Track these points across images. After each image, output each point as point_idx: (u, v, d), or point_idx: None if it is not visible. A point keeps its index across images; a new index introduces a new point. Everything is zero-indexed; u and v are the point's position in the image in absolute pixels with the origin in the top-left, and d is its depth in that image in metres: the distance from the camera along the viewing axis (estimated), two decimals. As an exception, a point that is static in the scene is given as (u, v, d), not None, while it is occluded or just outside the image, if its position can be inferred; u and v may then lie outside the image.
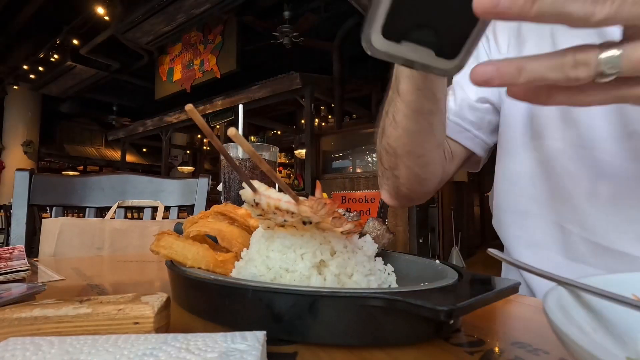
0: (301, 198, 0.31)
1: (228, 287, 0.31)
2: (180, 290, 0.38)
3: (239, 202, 0.68)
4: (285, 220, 0.32)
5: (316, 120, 7.94)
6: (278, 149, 0.75)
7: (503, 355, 0.26)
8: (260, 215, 0.33)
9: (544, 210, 0.59)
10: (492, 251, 0.32)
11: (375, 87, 7.90)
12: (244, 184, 0.32)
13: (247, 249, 0.38)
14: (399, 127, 0.55)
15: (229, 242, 0.42)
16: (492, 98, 0.67)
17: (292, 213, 0.31)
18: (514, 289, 0.30)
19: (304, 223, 0.32)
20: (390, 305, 0.26)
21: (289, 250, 0.34)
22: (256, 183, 0.32)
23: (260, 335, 0.22)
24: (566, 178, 0.56)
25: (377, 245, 0.40)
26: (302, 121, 6.08)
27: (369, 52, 0.25)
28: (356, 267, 0.35)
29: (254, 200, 0.32)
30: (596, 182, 0.53)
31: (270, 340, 0.25)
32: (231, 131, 0.25)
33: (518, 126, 0.63)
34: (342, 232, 0.33)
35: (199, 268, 0.38)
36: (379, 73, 8.05)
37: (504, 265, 0.68)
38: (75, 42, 7.02)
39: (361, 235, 0.41)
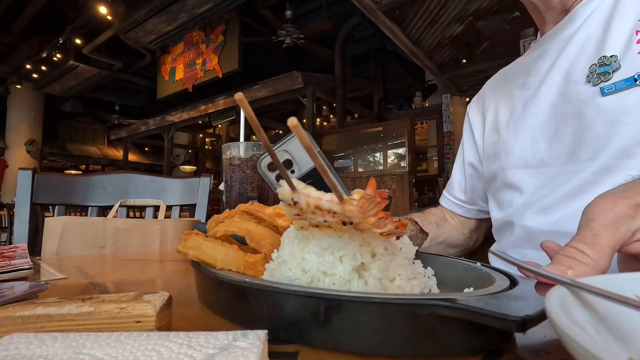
0: (346, 197, 0.28)
1: (282, 293, 0.28)
2: (212, 294, 0.35)
3: (240, 201, 0.68)
4: (325, 221, 0.29)
5: (318, 119, 7.95)
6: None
7: (505, 355, 0.26)
8: (298, 215, 0.31)
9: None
10: (493, 250, 0.32)
11: (377, 86, 7.90)
12: (281, 182, 0.29)
13: (278, 250, 0.36)
14: None
15: (257, 243, 0.39)
16: (475, 163, 0.82)
17: (334, 213, 0.28)
18: None
19: (344, 223, 0.29)
20: (453, 314, 0.23)
21: (327, 252, 0.32)
22: (294, 181, 0.29)
23: (262, 333, 0.22)
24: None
25: (415, 247, 0.37)
26: (304, 120, 6.08)
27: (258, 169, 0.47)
28: (398, 270, 0.32)
29: (293, 199, 0.29)
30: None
31: (271, 339, 0.25)
32: (292, 121, 0.23)
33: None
34: (381, 233, 0.30)
35: (229, 270, 0.35)
36: (381, 73, 8.05)
37: (491, 261, 0.68)
38: (78, 41, 7.04)
39: (398, 236, 0.37)
